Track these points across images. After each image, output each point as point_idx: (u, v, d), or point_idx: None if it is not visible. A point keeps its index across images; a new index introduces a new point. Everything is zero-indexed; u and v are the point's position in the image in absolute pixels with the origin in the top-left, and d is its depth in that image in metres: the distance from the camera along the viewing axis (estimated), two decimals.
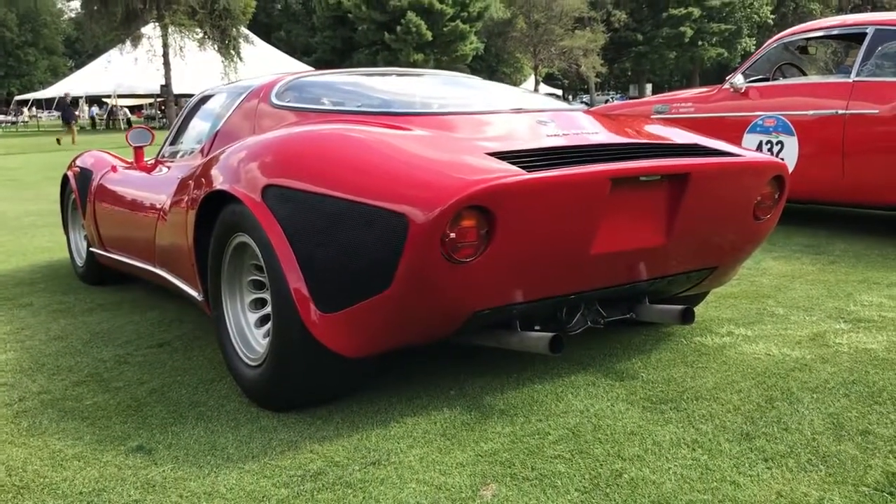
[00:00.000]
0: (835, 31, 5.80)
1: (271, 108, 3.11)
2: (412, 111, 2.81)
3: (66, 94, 29.33)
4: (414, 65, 41.03)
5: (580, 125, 2.76)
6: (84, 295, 4.18)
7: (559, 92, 56.31)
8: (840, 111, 4.98)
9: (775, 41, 5.94)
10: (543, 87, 49.78)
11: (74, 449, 2.24)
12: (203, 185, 2.70)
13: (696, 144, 2.72)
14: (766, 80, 5.79)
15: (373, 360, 2.43)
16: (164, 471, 2.09)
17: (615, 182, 2.27)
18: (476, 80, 3.84)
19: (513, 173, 2.13)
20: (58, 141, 23.09)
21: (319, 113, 2.95)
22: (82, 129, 33.90)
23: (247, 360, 2.56)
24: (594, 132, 2.69)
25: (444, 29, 43.60)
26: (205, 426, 2.38)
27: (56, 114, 43.09)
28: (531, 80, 48.80)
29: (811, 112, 5.19)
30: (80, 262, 4.54)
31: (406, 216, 2.06)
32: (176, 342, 3.26)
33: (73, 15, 64.83)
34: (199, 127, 3.80)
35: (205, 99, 3.98)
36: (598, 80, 53.19)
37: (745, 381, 2.59)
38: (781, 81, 5.80)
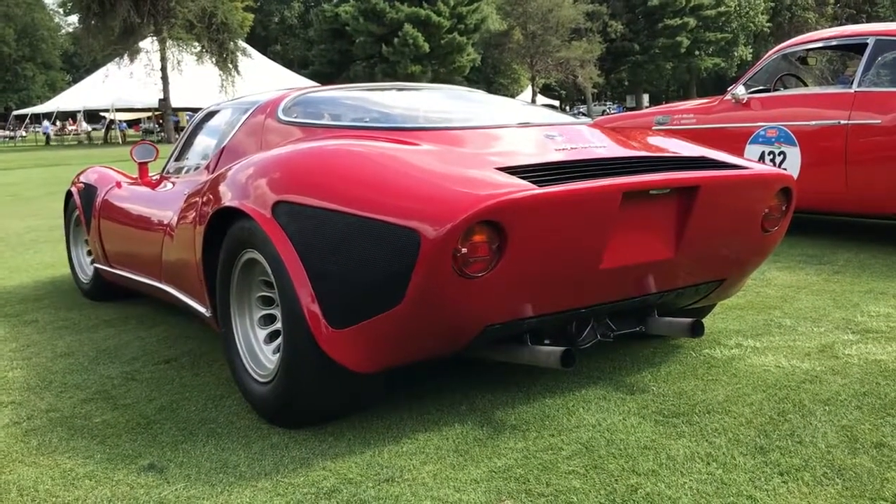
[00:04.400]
0: (834, 42, 5.82)
1: (278, 124, 3.11)
2: (420, 126, 2.81)
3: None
4: (411, 76, 41.17)
5: (587, 139, 2.76)
6: (89, 311, 4.16)
7: (556, 103, 56.47)
8: (842, 121, 4.99)
9: (775, 52, 5.96)
10: (541, 98, 49.90)
11: (85, 468, 2.23)
12: (212, 202, 2.70)
13: (703, 157, 2.72)
14: (768, 90, 5.80)
15: (383, 376, 2.43)
16: (176, 489, 2.08)
17: (626, 196, 2.27)
18: (480, 94, 3.84)
19: (524, 188, 2.13)
20: None
21: (327, 128, 2.95)
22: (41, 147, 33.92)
23: (256, 377, 2.55)
24: (602, 146, 2.69)
25: (442, 41, 43.77)
26: (215, 444, 2.37)
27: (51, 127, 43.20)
28: (528, 91, 48.94)
29: (813, 122, 5.20)
30: (84, 278, 4.52)
31: (417, 232, 2.06)
32: (183, 358, 3.25)
33: (70, 30, 64.89)
34: (204, 143, 3.80)
35: (210, 115, 3.98)
36: (595, 90, 53.33)
37: (757, 393, 2.58)
38: (783, 92, 5.81)
